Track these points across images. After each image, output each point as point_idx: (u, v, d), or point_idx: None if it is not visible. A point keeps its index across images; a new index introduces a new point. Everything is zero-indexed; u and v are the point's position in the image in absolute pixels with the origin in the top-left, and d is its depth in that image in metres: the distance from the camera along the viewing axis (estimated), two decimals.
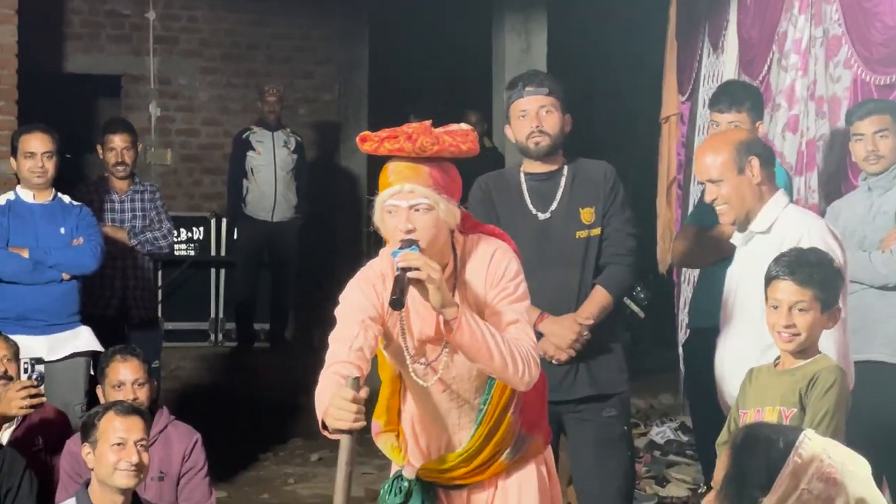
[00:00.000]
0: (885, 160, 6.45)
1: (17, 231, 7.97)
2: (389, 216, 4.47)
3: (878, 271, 6.27)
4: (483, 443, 4.74)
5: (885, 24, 7.24)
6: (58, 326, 7.94)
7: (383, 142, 4.46)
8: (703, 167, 5.72)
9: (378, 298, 4.52)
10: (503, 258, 4.67)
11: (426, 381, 4.64)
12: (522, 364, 4.45)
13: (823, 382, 5.43)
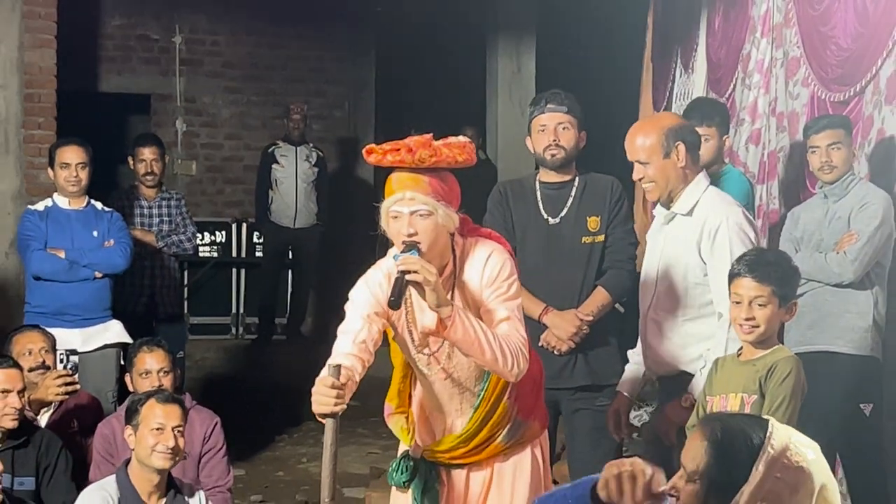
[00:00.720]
0: (838, 170, 6.45)
1: (54, 234, 7.98)
2: (393, 221, 4.52)
3: (833, 271, 6.27)
4: (480, 425, 4.77)
5: (840, 47, 7.23)
6: (91, 320, 7.95)
7: (386, 154, 4.51)
8: (632, 148, 5.69)
9: (384, 295, 4.52)
10: (498, 260, 4.70)
11: (430, 370, 4.71)
12: (512, 358, 4.50)
13: (781, 371, 5.45)
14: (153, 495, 5.85)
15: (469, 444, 4.80)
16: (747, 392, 5.49)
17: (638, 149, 5.65)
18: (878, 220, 6.23)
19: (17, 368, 6.36)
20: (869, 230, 6.22)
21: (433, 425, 4.90)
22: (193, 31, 14.07)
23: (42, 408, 6.85)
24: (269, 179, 12.73)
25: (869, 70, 6.94)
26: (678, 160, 5.58)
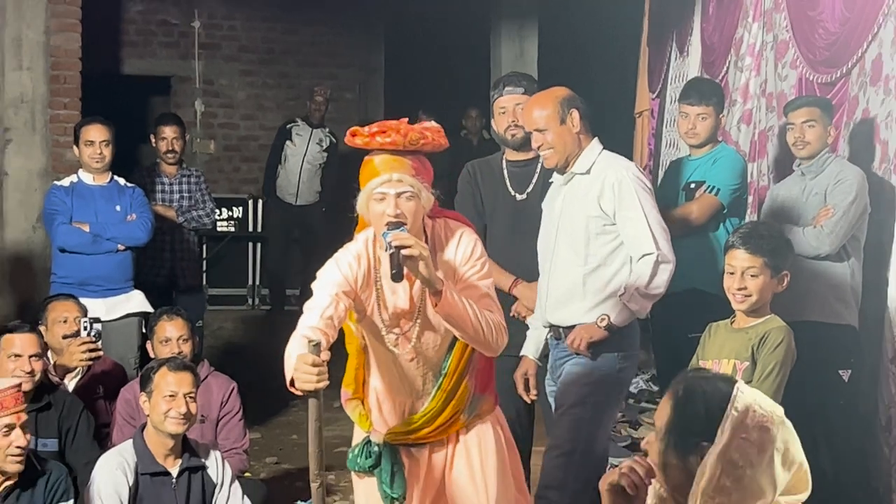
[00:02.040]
0: (811, 146, 6.47)
1: (79, 209, 7.99)
2: (376, 203, 4.46)
3: (811, 244, 6.27)
4: (444, 404, 4.75)
5: (827, 31, 7.23)
6: (114, 291, 7.97)
7: (374, 136, 4.46)
8: (531, 119, 5.76)
9: (353, 275, 4.52)
10: (470, 240, 4.71)
11: (400, 350, 4.65)
12: (496, 332, 4.51)
13: (773, 340, 5.49)
14: (168, 458, 5.88)
15: (433, 423, 4.77)
16: (739, 358, 5.52)
17: (536, 119, 5.72)
18: (852, 195, 6.24)
19: (34, 333, 6.40)
20: (844, 205, 6.23)
21: (393, 408, 4.84)
22: (211, 16, 14.11)
23: (67, 373, 6.89)
24: (280, 154, 12.85)
25: (855, 53, 6.93)
26: (573, 126, 5.65)
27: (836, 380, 6.27)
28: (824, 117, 6.51)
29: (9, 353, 6.25)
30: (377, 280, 4.62)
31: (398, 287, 4.54)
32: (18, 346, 6.25)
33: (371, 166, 4.51)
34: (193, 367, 6.17)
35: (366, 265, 4.59)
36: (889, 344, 6.32)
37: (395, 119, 4.90)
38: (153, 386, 5.87)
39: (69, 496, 5.55)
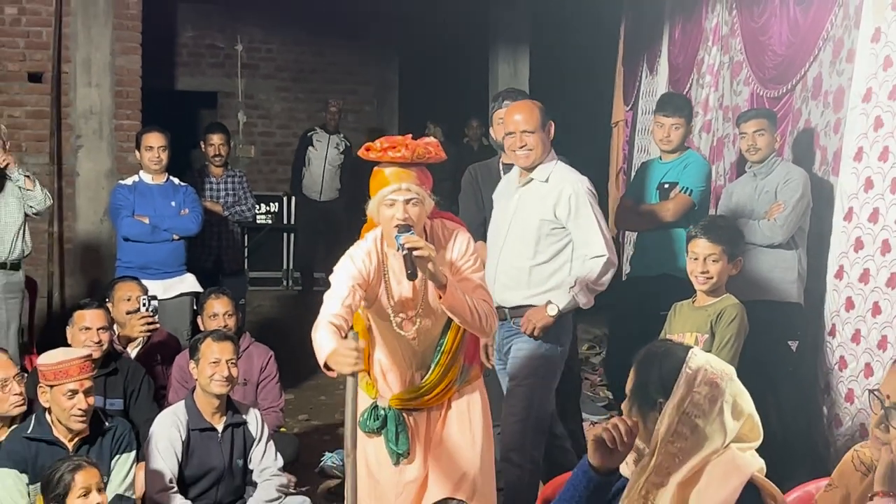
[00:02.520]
0: (762, 152, 6.51)
1: (140, 204, 8.02)
2: (386, 208, 4.50)
3: (765, 234, 6.30)
4: (441, 376, 4.81)
5: (775, 53, 7.23)
6: (170, 273, 7.99)
7: (386, 151, 4.51)
8: (517, 121, 5.66)
9: (365, 269, 4.56)
10: (464, 238, 4.76)
11: (404, 331, 4.69)
12: (487, 318, 4.59)
13: (728, 315, 5.53)
14: (215, 415, 5.91)
15: (433, 391, 4.82)
16: (700, 332, 5.55)
17: (522, 121, 5.65)
18: (799, 193, 6.29)
19: (102, 309, 6.43)
20: (793, 201, 6.27)
21: (397, 379, 4.87)
22: (252, 40, 14.11)
23: (129, 343, 6.91)
24: (304, 158, 12.88)
25: (798, 72, 6.95)
26: (549, 135, 5.65)
27: (785, 350, 6.29)
28: (771, 127, 6.54)
29: (80, 327, 6.30)
30: (385, 273, 4.67)
31: (403, 279, 4.56)
32: (88, 320, 6.30)
33: (381, 176, 4.55)
34: (234, 337, 6.20)
35: (376, 260, 4.64)
36: (828, 319, 6.34)
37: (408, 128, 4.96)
38: (200, 354, 5.90)
39: (132, 448, 5.56)
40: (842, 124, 6.40)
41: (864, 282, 6.05)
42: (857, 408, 6.03)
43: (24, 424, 5.43)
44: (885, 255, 5.89)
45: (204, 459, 5.88)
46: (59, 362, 5.31)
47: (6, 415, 5.59)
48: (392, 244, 4.51)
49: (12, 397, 5.59)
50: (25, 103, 10.27)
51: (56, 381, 5.27)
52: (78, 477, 4.68)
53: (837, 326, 6.26)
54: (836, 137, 6.46)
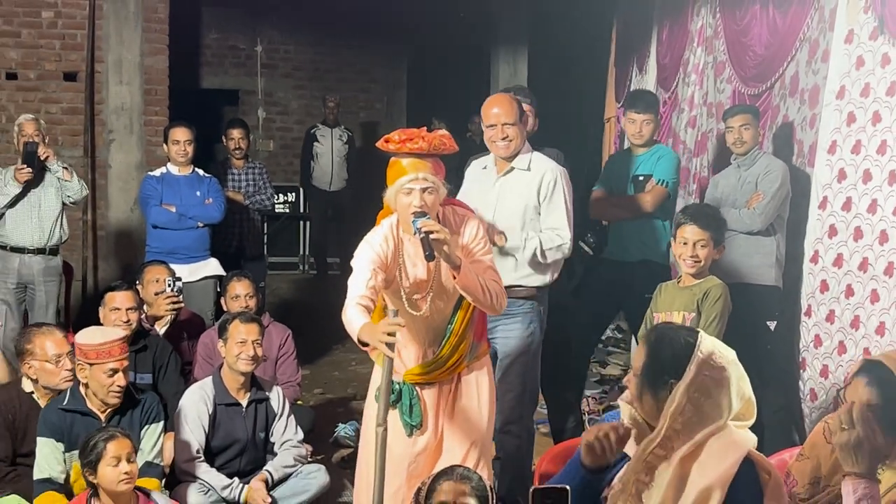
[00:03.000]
0: (747, 145, 6.51)
1: (167, 194, 8.02)
2: (403, 196, 4.50)
3: (745, 222, 6.29)
4: (451, 352, 4.80)
5: (756, 53, 7.21)
6: (195, 258, 7.98)
7: (405, 143, 4.50)
8: (497, 114, 5.55)
9: (384, 254, 4.55)
10: (475, 223, 4.76)
11: (418, 311, 4.68)
12: (498, 297, 4.59)
13: (714, 295, 5.54)
14: (240, 391, 5.93)
15: (444, 366, 4.81)
16: (687, 310, 5.56)
17: (502, 114, 5.55)
18: (778, 183, 6.27)
19: (130, 291, 6.44)
20: (772, 191, 6.26)
21: (410, 355, 4.85)
22: (271, 42, 14.10)
23: (157, 321, 6.91)
24: (312, 153, 12.87)
25: (777, 71, 6.94)
26: (526, 126, 5.61)
27: (764, 329, 6.29)
28: (755, 121, 6.54)
29: (111, 307, 6.31)
30: (401, 256, 4.65)
31: (418, 261, 4.58)
32: (118, 301, 6.31)
33: (399, 166, 4.54)
34: (260, 319, 6.21)
35: (392, 245, 4.61)
36: (804, 301, 6.34)
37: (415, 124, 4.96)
38: (228, 334, 5.92)
39: (160, 419, 5.59)
40: (817, 119, 6.40)
41: (838, 266, 6.05)
42: (831, 382, 6.03)
43: (60, 397, 5.47)
44: (858, 241, 5.89)
45: (229, 432, 5.91)
46: (100, 343, 5.35)
47: (56, 388, 5.63)
48: (409, 229, 4.51)
49: (63, 372, 5.61)
50: (61, 100, 10.33)
51: (98, 361, 5.31)
52: (110, 446, 4.71)
53: (813, 307, 6.26)
54: (812, 132, 6.46)
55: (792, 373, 6.42)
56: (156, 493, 5.19)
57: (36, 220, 7.73)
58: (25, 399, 5.65)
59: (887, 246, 5.65)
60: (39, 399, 5.64)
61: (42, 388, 5.64)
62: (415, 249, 4.56)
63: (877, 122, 5.81)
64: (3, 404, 5.60)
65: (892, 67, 5.71)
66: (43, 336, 5.68)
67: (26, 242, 7.74)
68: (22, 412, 5.59)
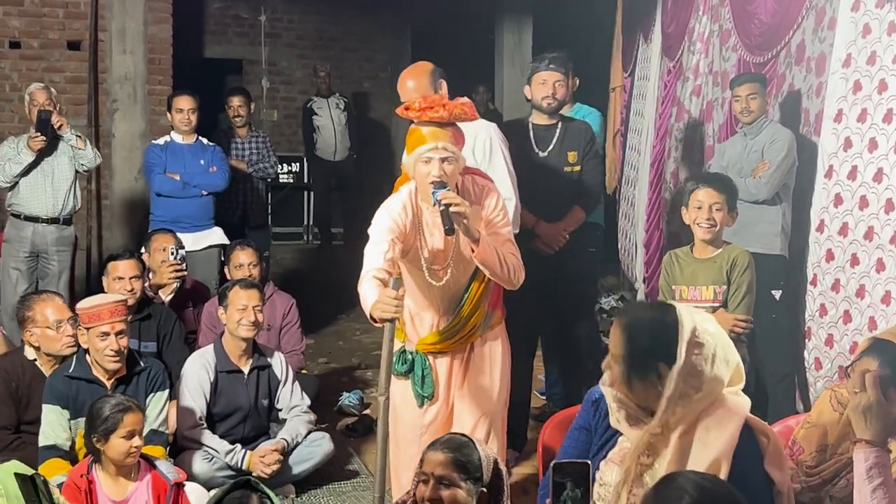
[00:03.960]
0: (754, 114, 6.47)
1: (171, 162, 8.02)
2: (422, 164, 4.45)
3: (751, 191, 6.26)
4: (464, 322, 4.77)
5: (762, 21, 7.18)
6: (199, 227, 7.98)
7: (425, 111, 4.44)
8: (406, 90, 5.30)
9: (402, 222, 4.52)
10: (494, 193, 4.71)
11: (438, 281, 4.63)
12: (515, 271, 4.54)
13: (742, 262, 5.46)
14: (241, 358, 5.95)
15: (455, 336, 4.78)
16: (717, 284, 5.46)
17: (411, 90, 5.26)
18: (784, 152, 6.25)
19: (133, 259, 6.45)
20: (777, 160, 6.23)
21: (423, 324, 4.83)
22: (274, 11, 14.03)
23: (160, 289, 6.91)
24: (312, 126, 12.79)
25: (783, 39, 6.90)
26: (443, 94, 5.27)
27: (769, 298, 6.26)
28: (762, 90, 6.53)
29: (114, 276, 6.35)
30: (419, 226, 4.61)
31: (436, 231, 4.54)
32: (121, 270, 6.34)
33: (418, 134, 4.48)
34: (260, 285, 6.22)
35: (411, 213, 4.58)
36: (809, 270, 6.33)
37: None
38: (228, 301, 5.94)
39: (165, 387, 5.60)
40: (823, 88, 6.37)
41: (843, 235, 6.03)
42: (837, 352, 6.02)
43: (66, 364, 5.50)
44: (863, 210, 5.88)
45: (231, 399, 5.94)
46: (92, 306, 5.39)
47: (58, 354, 5.66)
48: (427, 199, 4.47)
49: (65, 338, 5.65)
50: (65, 69, 10.33)
51: (91, 324, 5.35)
52: (126, 418, 4.69)
53: (818, 276, 6.25)
54: (818, 100, 6.43)
55: (797, 342, 6.41)
56: (160, 460, 5.19)
57: (50, 189, 7.74)
58: (28, 367, 5.68)
59: (893, 214, 5.63)
60: (42, 366, 5.67)
61: (44, 355, 5.68)
62: (433, 219, 4.53)
63: (883, 91, 5.79)
64: (6, 372, 5.64)
65: None
66: (43, 303, 5.72)
67: (40, 212, 7.75)
68: (25, 380, 5.63)
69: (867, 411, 3.25)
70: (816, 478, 3.67)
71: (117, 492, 4.76)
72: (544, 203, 6.13)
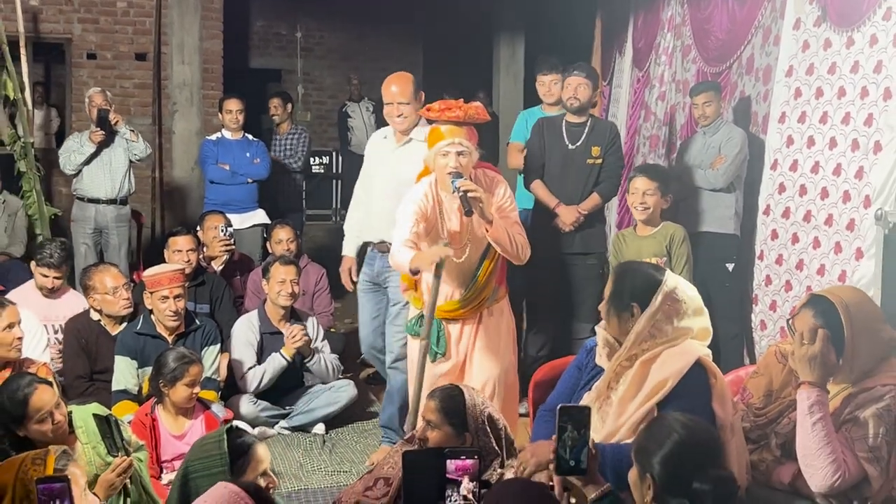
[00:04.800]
0: (710, 118, 6.40)
1: (222, 155, 8.02)
2: (441, 158, 4.47)
3: (710, 181, 6.23)
4: (476, 294, 4.75)
5: (717, 38, 7.13)
6: (246, 209, 7.98)
7: (444, 111, 4.48)
8: (391, 93, 5.21)
9: (424, 206, 4.54)
10: (502, 183, 4.72)
11: (457, 258, 4.60)
12: (523, 248, 4.56)
13: (678, 237, 5.56)
14: (281, 321, 5.97)
15: (469, 305, 4.76)
16: (658, 255, 5.51)
17: (398, 93, 5.20)
18: (738, 149, 6.20)
19: (189, 235, 6.47)
20: (732, 155, 6.19)
21: (440, 295, 4.70)
22: (308, 29, 13.97)
23: (212, 261, 6.90)
24: (347, 127, 12.77)
25: (735, 53, 6.86)
26: (419, 103, 5.24)
27: (723, 270, 6.24)
28: (717, 96, 6.46)
29: (173, 250, 6.39)
30: (440, 210, 4.62)
31: (453, 215, 4.56)
32: (179, 244, 6.38)
33: (438, 132, 4.51)
34: (297, 262, 6.23)
35: (432, 200, 4.60)
36: (757, 247, 6.32)
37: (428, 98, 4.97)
38: (270, 275, 5.97)
39: (217, 342, 5.65)
40: (769, 94, 6.34)
41: (786, 217, 6.01)
42: (779, 315, 6.01)
43: (135, 322, 5.58)
44: (802, 197, 5.85)
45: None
46: (154, 274, 5.49)
47: (117, 315, 5.69)
48: (446, 188, 4.49)
49: (122, 301, 5.68)
50: (133, 77, 10.35)
51: (153, 289, 5.44)
52: (191, 369, 4.74)
53: (765, 252, 6.23)
54: (765, 104, 6.40)
55: (745, 306, 6.39)
56: (213, 403, 5.22)
57: (108, 175, 7.77)
58: (95, 326, 5.75)
59: (828, 201, 5.61)
60: (106, 325, 5.75)
61: (106, 316, 5.73)
62: (451, 204, 4.55)
63: (819, 97, 5.77)
64: (77, 331, 5.73)
65: (833, 50, 5.67)
66: (101, 273, 5.79)
67: (100, 194, 7.78)
68: (93, 337, 5.71)
69: (813, 359, 3.30)
70: (763, 418, 3.70)
71: (176, 427, 4.78)
72: (567, 188, 6.13)
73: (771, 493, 3.58)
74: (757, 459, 3.68)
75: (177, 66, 10.21)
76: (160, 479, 4.58)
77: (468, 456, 2.89)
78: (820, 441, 3.22)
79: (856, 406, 3.35)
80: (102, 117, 7.60)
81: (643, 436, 2.69)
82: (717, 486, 2.52)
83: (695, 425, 2.69)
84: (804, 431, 3.28)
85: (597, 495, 2.93)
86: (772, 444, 3.66)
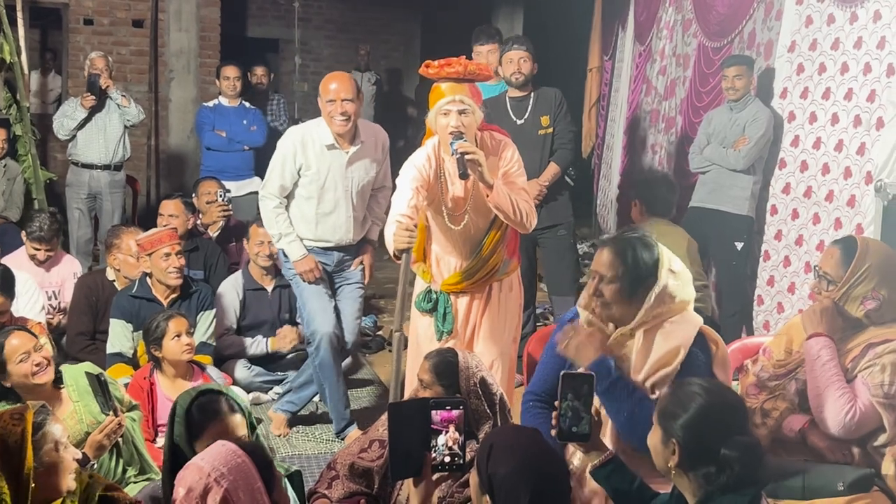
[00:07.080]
0: (739, 92, 6.20)
1: (218, 121, 8.01)
2: (442, 117, 4.23)
3: (730, 161, 6.13)
4: (482, 264, 4.51)
5: (719, 12, 7.09)
6: (241, 176, 7.99)
7: (443, 67, 4.24)
8: (335, 90, 4.96)
9: (426, 173, 4.32)
10: (510, 146, 4.45)
11: (455, 225, 4.43)
12: (527, 215, 4.27)
13: None
14: (265, 278, 6.11)
15: (475, 276, 4.53)
16: None
17: (340, 89, 4.94)
18: (762, 131, 6.04)
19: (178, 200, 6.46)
20: (756, 136, 6.05)
21: (447, 266, 4.60)
22: None
23: (208, 227, 6.88)
24: None
25: (737, 27, 6.83)
26: (361, 102, 5.09)
27: (732, 249, 6.19)
28: (748, 72, 6.25)
29: (161, 214, 6.39)
30: (442, 175, 4.40)
31: (456, 181, 4.33)
32: (170, 209, 6.37)
33: (439, 90, 4.27)
34: None
35: (434, 164, 4.37)
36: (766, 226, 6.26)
37: None
38: (249, 236, 6.15)
39: (212, 307, 5.67)
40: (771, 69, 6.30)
41: (786, 193, 6.00)
42: (776, 290, 6.01)
43: (130, 286, 5.57)
44: (803, 173, 5.83)
45: (256, 313, 6.05)
46: (151, 234, 5.50)
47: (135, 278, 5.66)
48: (447, 150, 4.25)
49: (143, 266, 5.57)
50: (130, 44, 10.29)
51: (153, 249, 5.44)
52: (171, 324, 4.70)
53: (764, 228, 6.21)
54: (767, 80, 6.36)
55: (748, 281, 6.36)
56: (209, 367, 5.20)
57: (102, 140, 7.78)
58: (108, 285, 5.81)
59: (829, 177, 5.59)
60: (119, 286, 5.78)
61: (123, 277, 5.79)
62: (453, 168, 4.29)
63: (822, 72, 5.74)
64: (88, 288, 5.79)
65: (836, 25, 5.64)
66: (129, 234, 5.84)
67: (94, 159, 7.80)
68: (104, 295, 5.74)
69: (824, 312, 3.57)
70: (783, 369, 3.77)
71: (174, 391, 4.73)
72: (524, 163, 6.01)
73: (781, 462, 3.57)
74: (770, 408, 3.73)
75: (174, 33, 10.16)
76: (155, 443, 4.56)
77: (453, 406, 2.85)
78: (828, 379, 3.45)
79: (875, 355, 3.49)
80: (92, 82, 7.62)
81: (667, 400, 2.64)
82: (744, 453, 2.49)
83: (718, 390, 2.65)
84: (812, 373, 3.51)
85: (599, 462, 2.91)
86: (791, 391, 3.73)
